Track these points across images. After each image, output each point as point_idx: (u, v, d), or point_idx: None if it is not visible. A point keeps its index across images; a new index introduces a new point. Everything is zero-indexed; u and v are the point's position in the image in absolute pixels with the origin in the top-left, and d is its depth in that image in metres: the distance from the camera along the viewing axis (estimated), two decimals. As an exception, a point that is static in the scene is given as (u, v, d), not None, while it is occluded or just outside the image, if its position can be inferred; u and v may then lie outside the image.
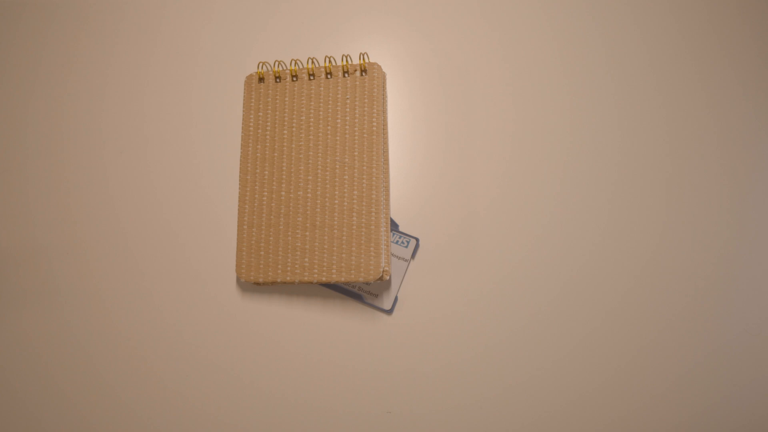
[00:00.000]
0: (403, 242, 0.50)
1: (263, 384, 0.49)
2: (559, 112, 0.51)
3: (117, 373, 0.49)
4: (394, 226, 0.50)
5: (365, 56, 0.51)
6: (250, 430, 0.48)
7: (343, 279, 0.47)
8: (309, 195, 0.49)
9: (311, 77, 0.51)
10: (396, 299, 0.49)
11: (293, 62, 0.52)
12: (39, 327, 0.51)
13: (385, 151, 0.50)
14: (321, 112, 0.51)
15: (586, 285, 0.49)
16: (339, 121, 0.50)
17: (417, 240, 0.50)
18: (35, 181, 0.53)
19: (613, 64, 0.52)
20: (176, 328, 0.50)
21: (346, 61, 0.51)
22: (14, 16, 0.57)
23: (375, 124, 0.50)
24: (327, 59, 0.51)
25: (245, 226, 0.50)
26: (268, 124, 0.51)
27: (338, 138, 0.50)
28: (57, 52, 0.56)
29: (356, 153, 0.49)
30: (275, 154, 0.51)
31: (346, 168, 0.49)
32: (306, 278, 0.48)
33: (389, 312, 0.49)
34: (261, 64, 0.52)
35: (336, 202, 0.49)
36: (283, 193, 0.50)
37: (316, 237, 0.48)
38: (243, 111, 0.52)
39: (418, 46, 0.54)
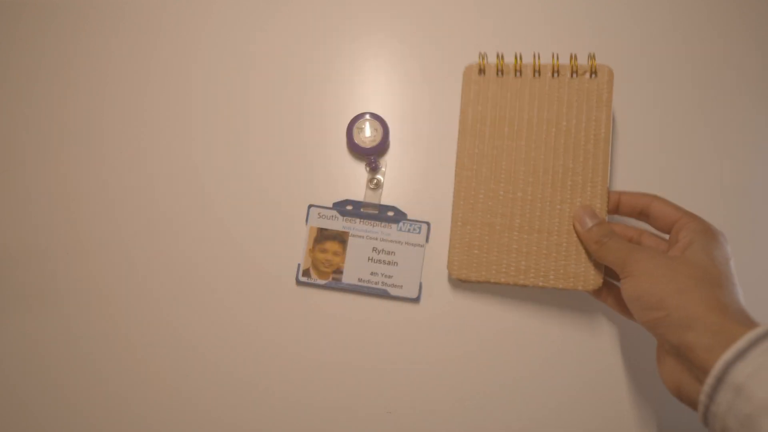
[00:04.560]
0: (414, 229, 0.51)
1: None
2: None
3: (118, 374, 0.49)
4: (401, 215, 0.51)
5: (593, 56, 0.49)
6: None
7: (561, 285, 0.47)
8: (529, 197, 0.49)
9: (536, 74, 0.50)
10: (421, 286, 0.50)
11: (518, 56, 0.50)
12: (39, 327, 0.50)
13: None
14: (545, 113, 0.49)
15: None
16: (565, 123, 0.49)
17: (428, 224, 0.51)
18: (35, 181, 0.53)
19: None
20: (177, 328, 0.50)
21: (575, 60, 0.49)
22: (14, 16, 0.56)
23: (603, 130, 0.48)
24: (555, 56, 0.49)
25: (459, 223, 0.50)
26: (488, 119, 0.50)
27: (563, 141, 0.49)
28: (57, 52, 0.56)
29: (581, 159, 0.48)
30: (494, 152, 0.50)
31: (569, 173, 0.48)
32: (521, 281, 0.48)
33: (416, 300, 0.50)
34: (482, 55, 0.50)
35: (558, 207, 0.48)
36: (501, 192, 0.49)
37: (533, 240, 0.48)
38: (461, 103, 0.51)
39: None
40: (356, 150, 0.53)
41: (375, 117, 0.53)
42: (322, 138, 0.54)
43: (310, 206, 0.52)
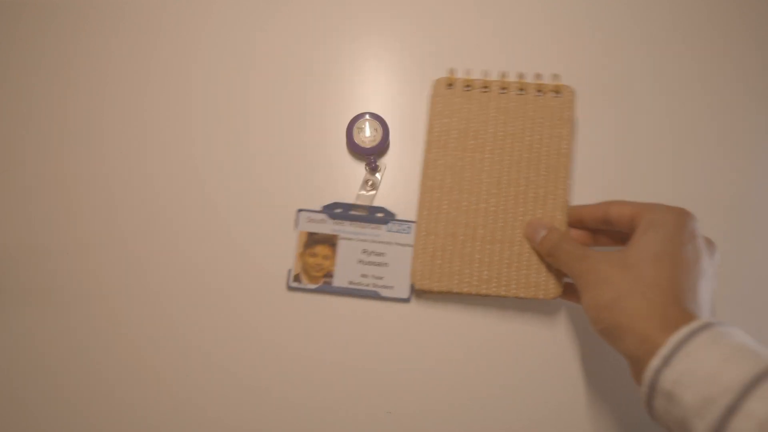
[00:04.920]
0: (403, 229, 0.51)
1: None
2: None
3: (119, 374, 0.49)
4: (391, 216, 0.51)
5: (558, 77, 0.51)
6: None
7: (522, 294, 0.48)
8: (492, 208, 0.49)
9: (503, 90, 0.51)
10: (412, 286, 0.50)
11: (485, 72, 0.52)
12: (39, 327, 0.50)
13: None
14: (510, 127, 0.51)
15: None
16: (528, 138, 0.50)
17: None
18: (35, 181, 0.53)
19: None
20: (177, 328, 0.50)
21: (539, 79, 0.51)
22: (14, 16, 0.57)
23: (565, 146, 0.50)
24: (521, 74, 0.51)
25: (423, 233, 0.50)
26: (454, 131, 0.51)
27: (526, 155, 0.50)
28: (57, 52, 0.56)
29: (543, 172, 0.50)
30: (459, 163, 0.51)
31: (531, 186, 0.49)
32: (483, 291, 0.48)
33: (407, 300, 0.50)
34: (451, 70, 0.52)
35: (520, 218, 0.49)
36: (464, 203, 0.50)
37: (495, 251, 0.49)
38: (429, 114, 0.52)
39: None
40: (356, 150, 0.53)
41: (375, 117, 0.54)
42: (314, 140, 0.54)
43: (299, 211, 0.52)
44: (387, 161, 0.54)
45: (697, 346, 0.32)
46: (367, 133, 0.53)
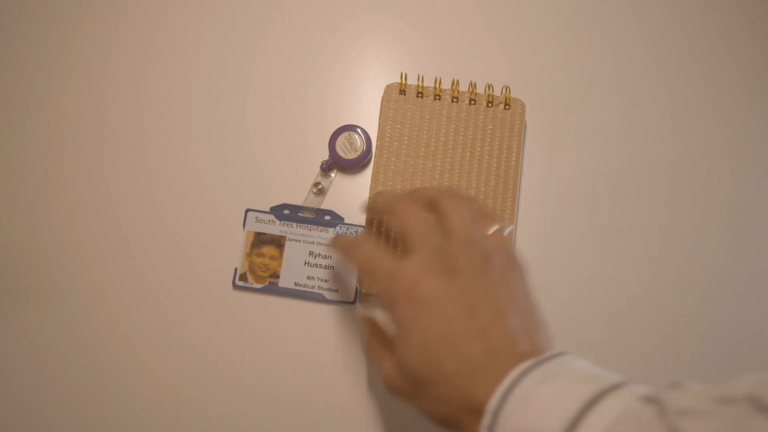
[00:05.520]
0: (351, 233, 0.51)
1: (258, 383, 0.50)
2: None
3: (118, 374, 0.49)
4: (339, 219, 0.51)
5: (508, 89, 0.51)
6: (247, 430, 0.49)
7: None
8: (441, 217, 0.49)
9: (454, 100, 0.51)
10: (357, 289, 0.50)
11: (438, 80, 0.52)
12: (39, 327, 0.50)
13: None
14: (461, 137, 0.51)
15: (589, 284, 0.51)
16: (479, 149, 0.50)
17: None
18: (35, 181, 0.53)
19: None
20: (177, 328, 0.50)
21: (490, 90, 0.51)
22: (14, 16, 0.56)
23: (514, 158, 0.50)
24: (472, 85, 0.51)
25: (372, 238, 0.49)
26: (405, 138, 0.51)
27: (476, 165, 0.50)
28: (57, 52, 0.55)
29: (492, 183, 0.50)
30: (410, 170, 0.50)
31: (480, 197, 0.50)
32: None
33: (353, 304, 0.50)
34: (404, 75, 0.52)
35: (468, 228, 0.49)
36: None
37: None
38: (379, 120, 0.51)
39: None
40: (341, 163, 0.51)
41: (356, 129, 0.52)
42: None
43: (247, 210, 0.51)
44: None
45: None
46: (351, 146, 0.52)
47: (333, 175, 0.52)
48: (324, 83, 0.54)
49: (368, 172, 0.52)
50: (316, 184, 0.51)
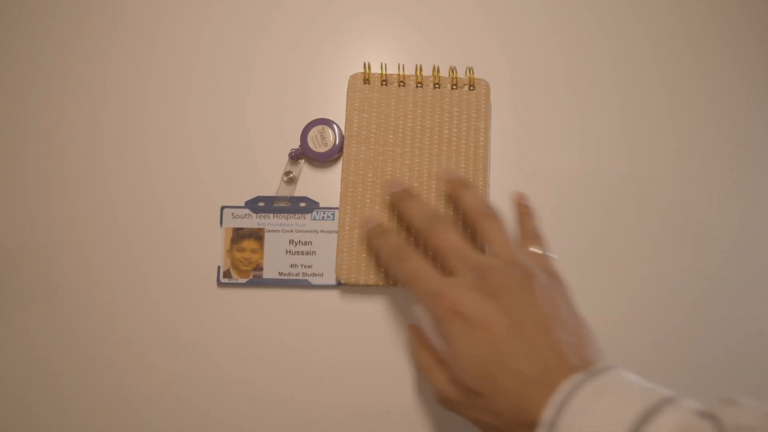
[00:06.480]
0: (328, 216, 0.52)
1: (252, 378, 0.50)
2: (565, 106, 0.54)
3: (118, 374, 0.50)
4: (314, 204, 0.52)
5: (472, 70, 0.52)
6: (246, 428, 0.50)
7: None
8: (414, 202, 0.50)
9: (419, 85, 0.52)
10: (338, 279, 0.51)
11: (400, 67, 0.52)
12: (39, 327, 0.50)
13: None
14: (428, 121, 0.51)
15: (588, 285, 0.50)
16: (447, 131, 0.51)
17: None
18: (35, 181, 0.53)
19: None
20: (176, 328, 0.51)
21: (454, 73, 0.52)
22: (14, 16, 0.56)
23: (482, 138, 0.51)
24: (436, 69, 0.52)
25: (346, 228, 0.50)
26: (373, 126, 0.51)
27: (445, 148, 0.51)
28: (57, 52, 0.55)
29: (463, 165, 0.51)
30: (380, 158, 0.51)
31: None
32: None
33: (337, 286, 0.51)
34: (367, 64, 0.52)
35: (441, 211, 0.50)
36: (386, 197, 0.50)
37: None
38: (347, 111, 0.52)
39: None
40: (310, 155, 0.52)
41: (328, 123, 0.53)
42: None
43: (222, 208, 0.52)
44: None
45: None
46: (322, 140, 0.52)
47: (302, 162, 0.53)
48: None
49: (338, 162, 0.53)
50: (287, 173, 0.52)
